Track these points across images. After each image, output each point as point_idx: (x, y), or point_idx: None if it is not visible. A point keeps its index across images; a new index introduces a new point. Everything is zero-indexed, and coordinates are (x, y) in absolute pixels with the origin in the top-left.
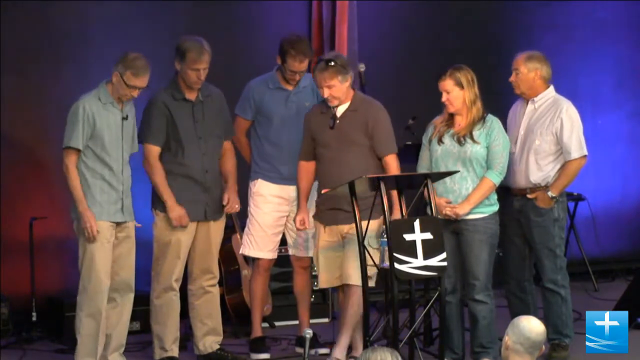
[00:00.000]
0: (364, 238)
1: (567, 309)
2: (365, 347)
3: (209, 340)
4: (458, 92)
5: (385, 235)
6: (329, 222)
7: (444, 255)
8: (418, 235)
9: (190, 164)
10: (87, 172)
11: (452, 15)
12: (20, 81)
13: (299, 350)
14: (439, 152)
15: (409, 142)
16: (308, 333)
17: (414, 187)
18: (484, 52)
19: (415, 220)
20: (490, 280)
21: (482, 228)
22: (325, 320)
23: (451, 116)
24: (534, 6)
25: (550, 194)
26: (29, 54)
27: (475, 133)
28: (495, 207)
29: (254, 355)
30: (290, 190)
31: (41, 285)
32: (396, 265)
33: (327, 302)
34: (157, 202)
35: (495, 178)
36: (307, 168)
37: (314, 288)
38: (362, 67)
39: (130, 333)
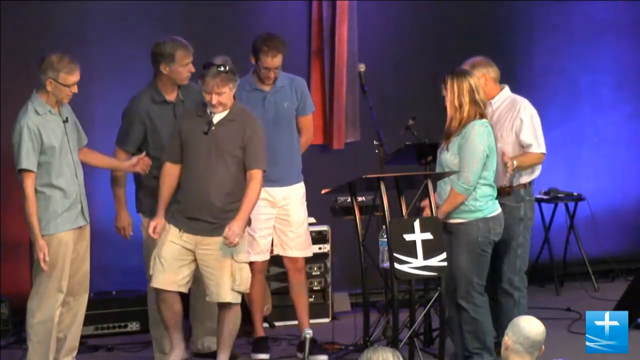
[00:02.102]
0: (364, 238)
1: (519, 312)
2: (365, 347)
3: (208, 340)
4: (448, 97)
5: (385, 235)
6: (187, 229)
7: (444, 255)
8: (418, 235)
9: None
10: (44, 188)
11: (452, 16)
12: (20, 81)
13: (300, 355)
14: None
15: (409, 142)
16: (308, 333)
17: (414, 187)
18: (484, 52)
19: (415, 220)
20: (472, 286)
21: (461, 233)
22: (326, 320)
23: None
24: (534, 6)
25: (513, 162)
26: (29, 54)
27: (452, 140)
28: (480, 214)
29: (254, 355)
30: (275, 192)
31: None
32: (396, 265)
33: (327, 302)
34: (140, 205)
35: (458, 188)
36: (171, 171)
37: (314, 288)
38: (362, 67)
39: (129, 333)
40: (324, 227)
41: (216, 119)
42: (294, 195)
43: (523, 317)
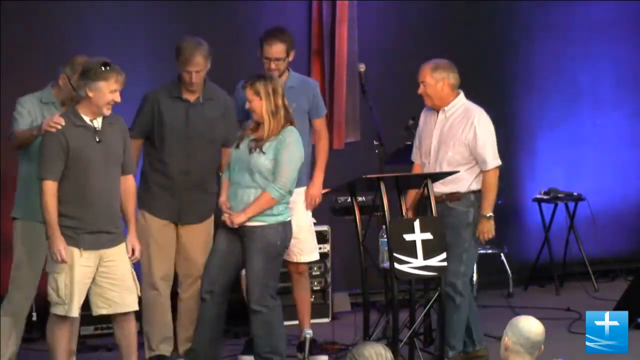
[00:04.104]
0: (364, 238)
1: (459, 318)
2: None
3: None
4: (257, 102)
5: (385, 235)
6: (89, 247)
7: (444, 255)
8: (418, 235)
9: (169, 162)
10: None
11: (452, 16)
12: (20, 81)
13: (300, 355)
14: (234, 156)
15: (409, 142)
16: (308, 333)
17: (414, 187)
18: (483, 52)
19: (415, 220)
20: (267, 289)
21: (259, 236)
22: (326, 320)
23: (258, 123)
24: (533, 6)
25: (485, 214)
26: (29, 54)
27: (266, 144)
28: (280, 218)
29: (240, 357)
30: None
31: (41, 285)
32: (396, 265)
33: (327, 302)
34: (138, 199)
35: (274, 192)
36: (55, 190)
37: (314, 288)
38: (362, 67)
39: None
40: (324, 227)
41: (97, 124)
42: (298, 199)
43: (522, 318)
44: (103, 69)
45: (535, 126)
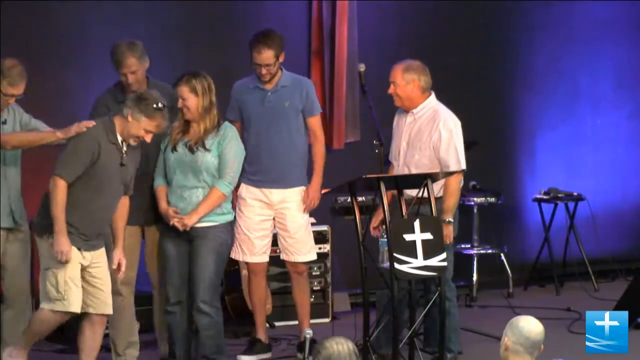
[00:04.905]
0: (364, 238)
1: (450, 324)
2: (365, 347)
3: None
4: (193, 99)
5: (385, 235)
6: (85, 248)
7: (444, 255)
8: (418, 235)
9: None
10: None
11: (453, 16)
12: None
13: (300, 355)
14: (172, 160)
15: None
16: (308, 333)
17: (414, 187)
18: (484, 52)
19: (415, 220)
20: (216, 290)
21: (212, 236)
22: (326, 320)
23: (187, 123)
24: (534, 6)
25: (445, 219)
26: (29, 54)
27: (208, 142)
28: (230, 217)
29: (239, 357)
30: (271, 194)
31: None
32: (396, 265)
33: (327, 302)
34: None
35: (224, 188)
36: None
37: (314, 288)
38: (362, 67)
39: None
40: (324, 227)
41: (125, 146)
42: (293, 199)
43: (521, 318)
44: (155, 107)
45: (535, 126)
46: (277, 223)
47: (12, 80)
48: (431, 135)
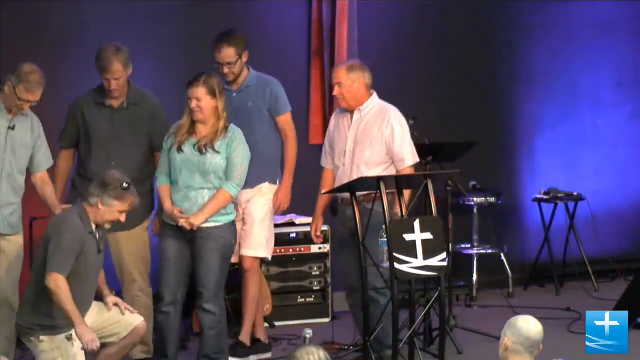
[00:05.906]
0: (364, 238)
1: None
2: (365, 347)
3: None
4: (210, 101)
5: (385, 235)
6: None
7: (444, 255)
8: (418, 235)
9: (95, 169)
10: None
11: (452, 16)
12: None
13: None
14: (179, 160)
15: None
16: (308, 333)
17: (414, 187)
18: (484, 52)
19: (415, 220)
20: (221, 290)
21: (215, 237)
22: (326, 320)
23: (193, 124)
24: (534, 6)
25: (397, 214)
26: (29, 54)
27: (217, 144)
28: (232, 217)
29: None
30: (240, 194)
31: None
32: (396, 265)
33: (327, 302)
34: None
35: (232, 190)
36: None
37: (314, 288)
38: None
39: None
40: (324, 227)
41: (98, 233)
42: (257, 195)
43: (520, 317)
44: (123, 189)
45: (535, 126)
46: (240, 220)
47: (29, 85)
48: (382, 131)
